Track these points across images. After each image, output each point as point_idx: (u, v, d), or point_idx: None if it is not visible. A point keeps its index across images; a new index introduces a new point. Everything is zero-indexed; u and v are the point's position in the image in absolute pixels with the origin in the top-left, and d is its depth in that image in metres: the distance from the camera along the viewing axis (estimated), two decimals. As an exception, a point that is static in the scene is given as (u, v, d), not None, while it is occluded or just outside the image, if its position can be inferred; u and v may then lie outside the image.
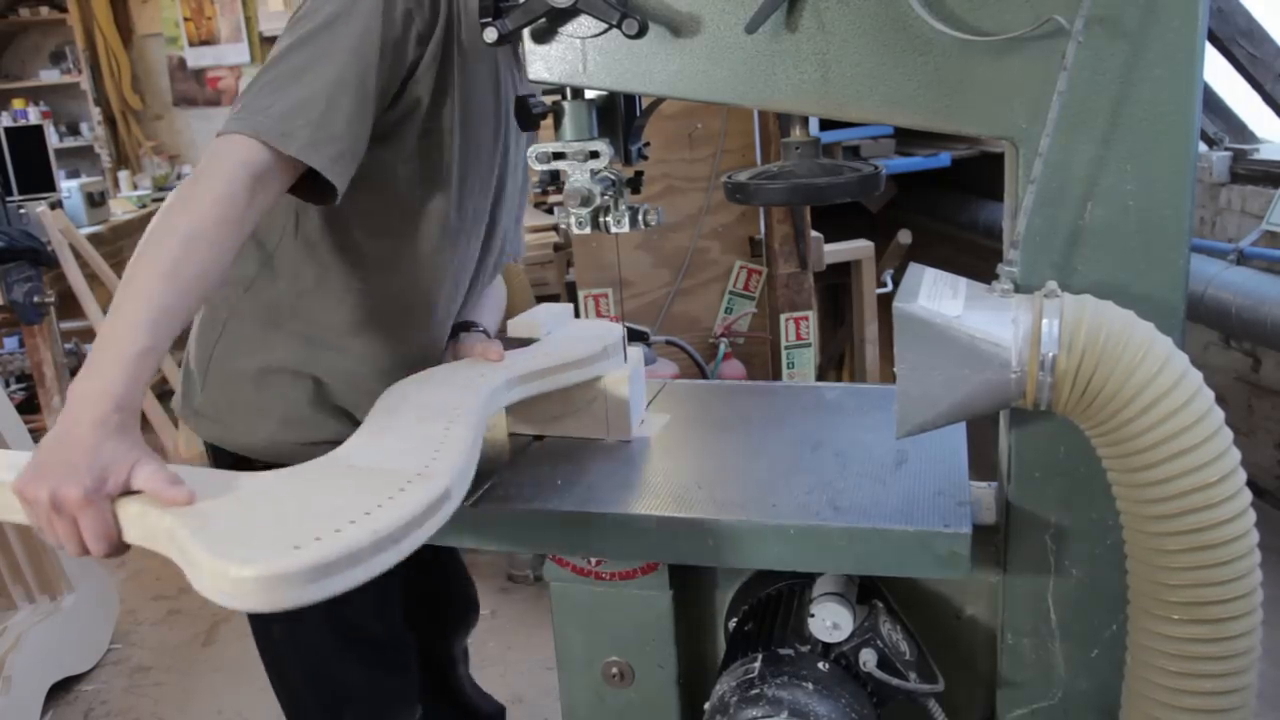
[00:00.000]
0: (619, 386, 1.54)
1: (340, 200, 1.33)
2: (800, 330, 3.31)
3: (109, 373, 1.12)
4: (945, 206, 4.70)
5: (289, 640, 1.65)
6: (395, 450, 1.18)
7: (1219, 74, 3.55)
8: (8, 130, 5.31)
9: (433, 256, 1.54)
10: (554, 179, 1.43)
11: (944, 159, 4.07)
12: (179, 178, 6.59)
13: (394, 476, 1.10)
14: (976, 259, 3.83)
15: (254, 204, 1.24)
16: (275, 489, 1.11)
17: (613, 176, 1.40)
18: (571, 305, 1.69)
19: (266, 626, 1.65)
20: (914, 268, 1.25)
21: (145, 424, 4.82)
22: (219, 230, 1.20)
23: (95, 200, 5.32)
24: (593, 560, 1.43)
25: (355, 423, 1.42)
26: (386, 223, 1.50)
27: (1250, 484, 1.06)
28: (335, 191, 1.30)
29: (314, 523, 1.00)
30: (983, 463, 1.39)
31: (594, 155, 1.37)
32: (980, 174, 4.26)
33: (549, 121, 1.42)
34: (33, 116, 6.29)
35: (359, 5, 1.32)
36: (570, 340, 1.62)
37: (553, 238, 3.67)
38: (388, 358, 1.55)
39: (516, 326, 1.70)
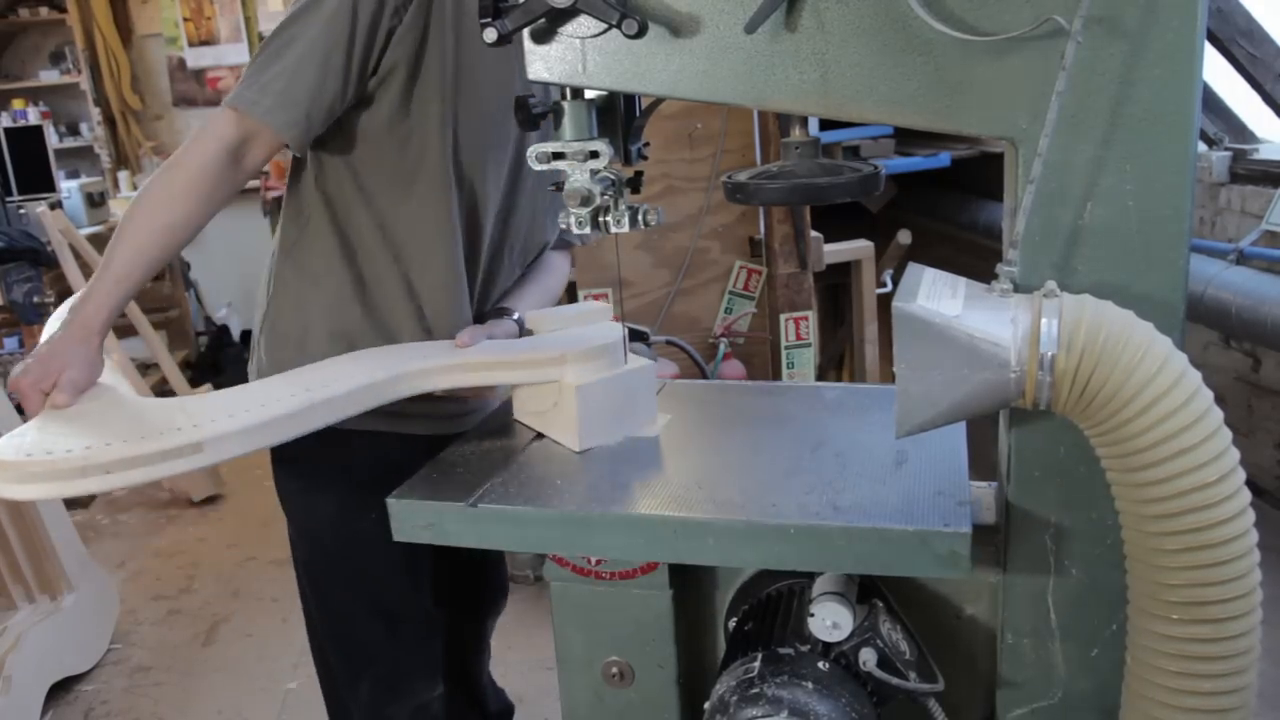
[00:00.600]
0: (570, 395, 1.51)
1: (339, 158, 1.63)
2: (800, 330, 3.31)
3: (89, 301, 1.48)
4: (945, 206, 4.70)
5: (322, 607, 1.83)
6: (220, 402, 1.41)
7: (1219, 74, 3.55)
8: (7, 130, 5.31)
9: (433, 217, 1.66)
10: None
11: (944, 159, 4.07)
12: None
13: (173, 421, 1.33)
14: (976, 259, 3.83)
15: (237, 164, 1.55)
16: (102, 411, 1.38)
17: (612, 176, 1.40)
18: (609, 306, 1.69)
19: (305, 592, 1.86)
20: (913, 267, 1.25)
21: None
22: (201, 184, 1.52)
23: (95, 200, 5.33)
24: (593, 560, 1.43)
25: None
26: (387, 182, 1.65)
27: (1249, 484, 1.06)
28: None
29: (67, 441, 1.27)
30: (982, 463, 1.39)
31: (594, 155, 1.37)
32: (980, 174, 4.26)
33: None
34: (32, 117, 6.29)
35: None
36: (541, 342, 1.64)
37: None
38: (400, 321, 1.68)
39: (534, 320, 1.73)
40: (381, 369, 1.53)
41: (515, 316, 1.75)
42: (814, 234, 3.29)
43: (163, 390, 4.86)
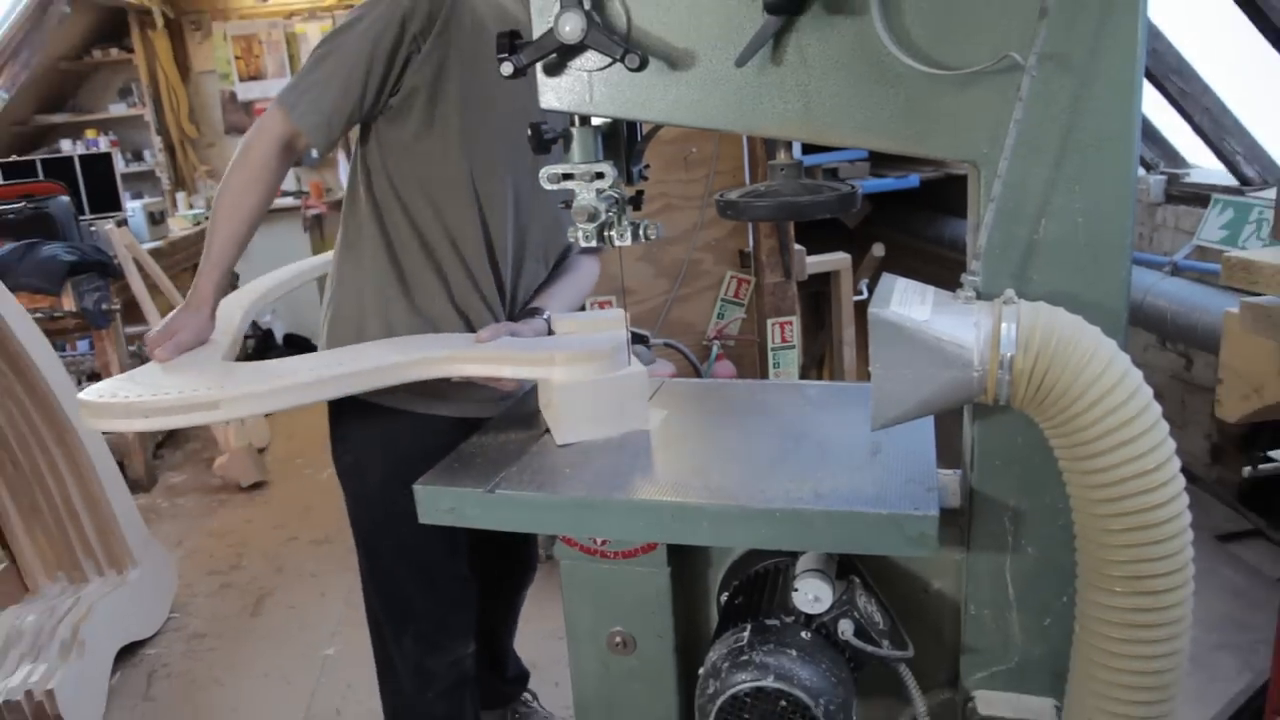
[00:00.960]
0: (555, 393, 1.52)
1: (380, 165, 1.73)
2: (785, 334, 3.30)
3: (199, 280, 1.69)
4: (915, 223, 4.69)
5: (373, 569, 1.90)
6: (252, 371, 1.55)
7: (1154, 106, 3.56)
8: (81, 158, 5.31)
9: (458, 222, 1.72)
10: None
11: (913, 180, 4.06)
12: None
13: (208, 381, 1.48)
14: (942, 269, 3.82)
15: (289, 152, 1.67)
16: (178, 369, 1.59)
17: (616, 195, 1.39)
18: (623, 315, 1.68)
19: (360, 556, 1.93)
20: (886, 277, 1.24)
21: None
22: (264, 173, 1.66)
23: (156, 219, 5.32)
24: (599, 540, 1.43)
25: None
26: (417, 189, 1.72)
27: (1184, 471, 1.06)
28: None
29: (137, 389, 1.46)
30: (949, 452, 1.38)
31: (600, 176, 1.36)
32: (946, 193, 4.26)
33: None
34: (103, 145, 6.28)
35: (371, 12, 1.63)
36: (544, 343, 1.66)
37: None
38: (439, 313, 1.75)
39: (558, 322, 1.75)
40: (396, 354, 1.58)
41: (545, 315, 1.78)
42: (797, 247, 3.28)
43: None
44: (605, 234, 1.40)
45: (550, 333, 1.75)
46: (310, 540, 3.88)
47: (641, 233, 1.43)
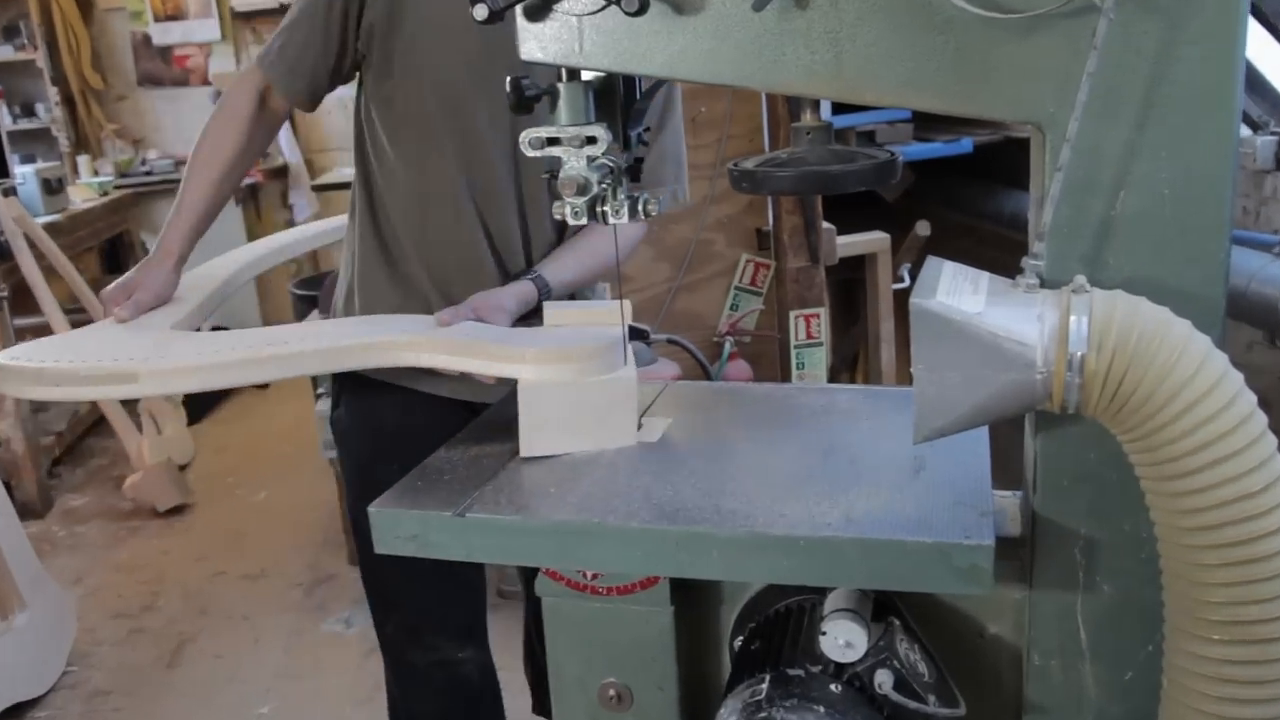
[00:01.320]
0: (520, 395, 1.54)
1: (364, 121, 1.93)
2: (811, 328, 3.31)
3: (167, 230, 1.88)
4: (967, 195, 4.69)
5: (360, 547, 2.00)
6: (200, 342, 1.64)
7: (1264, 51, 3.54)
8: (-43, 112, 5.31)
9: (435, 173, 1.86)
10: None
11: (965, 145, 4.06)
12: (144, 163, 6.59)
13: (146, 350, 1.59)
14: (1000, 252, 3.82)
15: (265, 107, 1.91)
16: (119, 331, 1.73)
17: (610, 163, 1.40)
18: (628, 304, 1.69)
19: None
20: (932, 261, 1.25)
21: (106, 428, 4.82)
22: (237, 120, 1.89)
23: (52, 187, 5.31)
24: (588, 574, 1.43)
25: None
26: (390, 139, 1.89)
27: (1293, 493, 1.06)
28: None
29: (53, 352, 1.57)
30: (1007, 470, 1.39)
31: (591, 141, 1.37)
32: (1005, 161, 4.25)
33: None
34: (-16, 97, 6.29)
35: None
36: (520, 335, 1.69)
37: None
38: (419, 281, 1.91)
39: (549, 312, 1.76)
40: (348, 336, 1.66)
41: (534, 275, 1.87)
42: (826, 225, 3.30)
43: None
44: (597, 209, 1.41)
45: (538, 311, 1.78)
46: (242, 575, 3.89)
47: (640, 208, 1.44)
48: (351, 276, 1.98)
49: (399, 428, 1.91)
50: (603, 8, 1.23)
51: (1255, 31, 3.35)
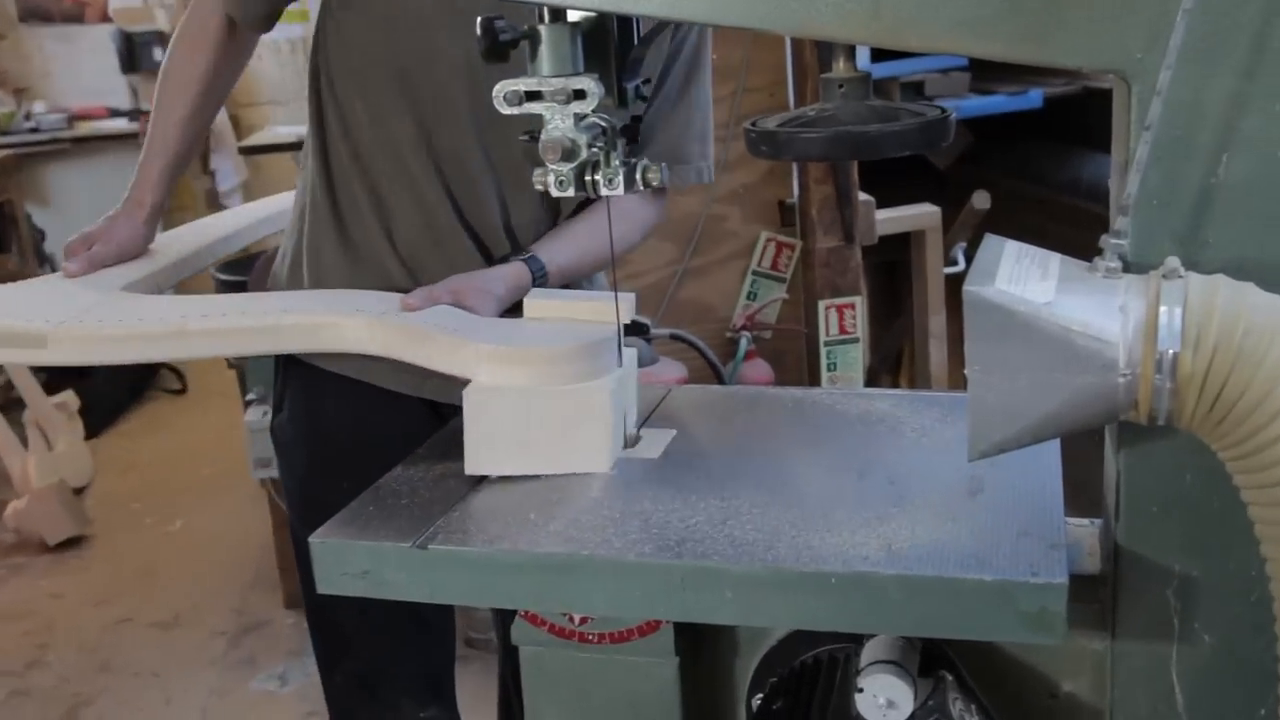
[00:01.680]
0: (465, 401, 1.55)
1: (320, 63, 1.96)
2: (845, 322, 3.32)
3: (136, 177, 1.99)
4: (1035, 160, 4.69)
5: (303, 578, 1.95)
6: (131, 308, 1.73)
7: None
8: None
9: (389, 124, 1.89)
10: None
11: (1034, 98, 4.06)
12: (28, 118, 6.58)
13: (69, 311, 1.68)
14: (1075, 228, 3.83)
15: (227, 28, 1.97)
16: (60, 288, 1.84)
17: (602, 123, 1.40)
18: (629, 298, 1.70)
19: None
20: (992, 240, 1.25)
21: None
22: (204, 42, 1.96)
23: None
24: (576, 617, 1.44)
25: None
26: (342, 82, 1.94)
27: None
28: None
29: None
30: (1083, 494, 1.39)
31: (579, 95, 1.37)
32: (1082, 117, 4.25)
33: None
34: None
35: None
36: (491, 329, 1.69)
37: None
38: (376, 252, 1.94)
39: (530, 304, 1.76)
40: (294, 313, 1.71)
41: (526, 257, 1.89)
42: (863, 197, 3.30)
43: (8, 400, 4.86)
44: (587, 179, 1.42)
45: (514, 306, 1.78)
46: (151, 622, 3.89)
47: (639, 177, 1.44)
48: (299, 242, 2.01)
49: (355, 437, 1.93)
50: (593, -68, 1.24)
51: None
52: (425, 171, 1.90)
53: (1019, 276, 1.14)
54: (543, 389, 1.56)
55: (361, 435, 1.90)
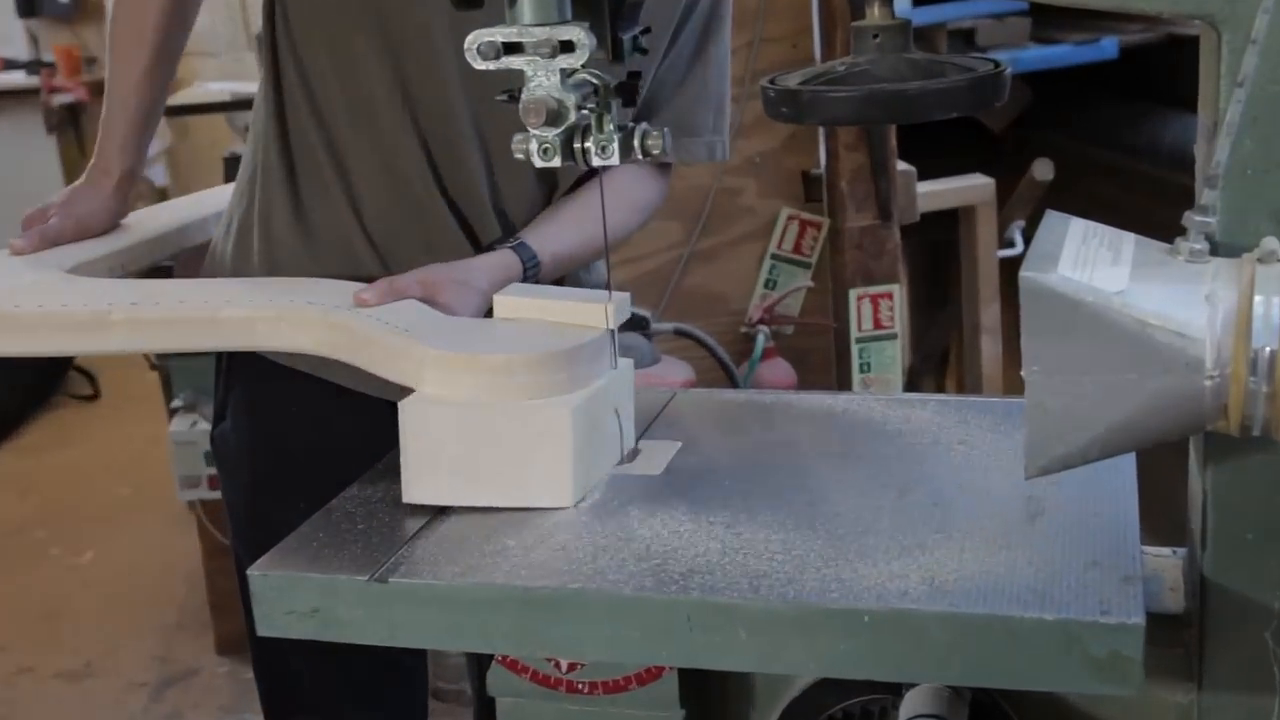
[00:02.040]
0: (401, 416, 1.55)
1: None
2: (880, 314, 3.32)
3: (100, 138, 2.03)
4: (1107, 122, 4.69)
5: (248, 615, 1.97)
6: (52, 288, 1.77)
7: None
8: None
9: (361, 79, 1.91)
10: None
11: (1107, 48, 4.05)
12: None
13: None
14: (1154, 202, 3.83)
15: None
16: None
17: (594, 80, 1.41)
18: (624, 298, 1.68)
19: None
20: (1055, 218, 1.26)
21: None
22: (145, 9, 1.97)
23: None
24: (563, 664, 1.44)
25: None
26: (318, 31, 1.94)
27: None
28: None
29: None
30: (1164, 518, 1.40)
31: (566, 48, 1.38)
32: (1163, 71, 4.25)
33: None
34: None
35: None
36: (451, 331, 1.68)
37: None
38: (340, 228, 1.95)
39: (500, 302, 1.74)
40: (229, 306, 1.73)
41: (514, 244, 1.88)
42: (902, 167, 3.30)
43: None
44: (577, 145, 1.42)
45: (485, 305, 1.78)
46: (57, 673, 3.89)
47: (637, 144, 1.45)
48: (248, 211, 2.01)
49: (312, 447, 1.92)
50: None
51: None
52: (400, 130, 1.90)
53: (1086, 260, 1.15)
54: (493, 404, 1.54)
55: (320, 445, 1.90)
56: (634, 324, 1.77)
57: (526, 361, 1.54)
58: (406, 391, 1.62)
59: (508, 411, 1.53)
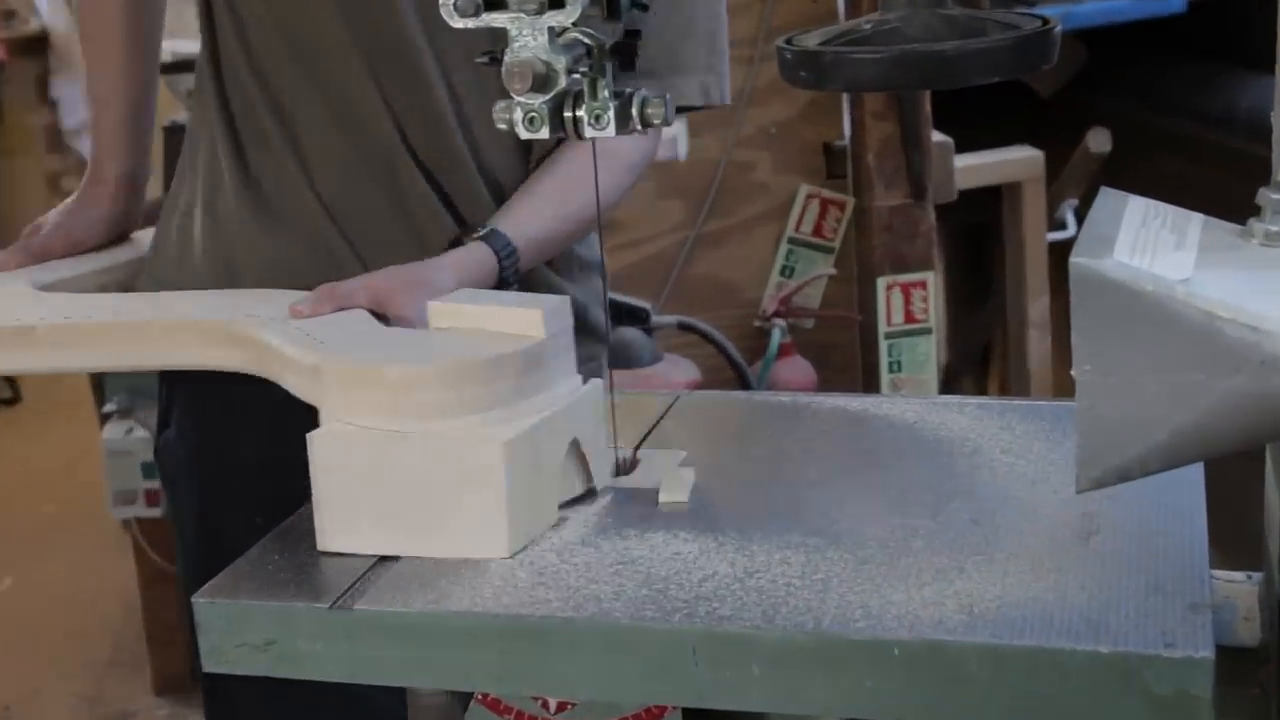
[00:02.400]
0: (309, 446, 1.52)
1: None
2: (912, 306, 3.33)
3: (92, 145, 2.08)
4: (1172, 86, 4.70)
5: (195, 649, 1.95)
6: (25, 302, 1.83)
7: None
8: None
9: (320, 32, 1.92)
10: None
11: (1173, 2, 4.05)
12: None
13: None
14: (1226, 176, 3.83)
15: None
16: None
17: (588, 41, 1.42)
18: (564, 301, 1.64)
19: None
20: (1110, 195, 1.26)
21: None
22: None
23: None
24: (551, 703, 1.45)
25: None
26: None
27: None
28: None
29: None
30: (1236, 537, 1.40)
31: (554, 4, 1.38)
32: (1236, 26, 4.25)
33: None
34: None
35: None
36: (359, 335, 1.67)
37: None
38: (300, 213, 1.95)
39: (435, 310, 1.66)
40: (162, 314, 1.76)
41: (482, 233, 1.85)
42: (938, 138, 3.31)
43: None
44: (568, 114, 1.43)
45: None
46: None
47: (636, 113, 1.45)
48: (190, 198, 2.03)
49: (268, 457, 1.81)
50: None
51: None
52: (350, 74, 1.91)
53: (1146, 244, 1.15)
54: (414, 434, 1.48)
55: (275, 454, 1.79)
56: (633, 317, 1.78)
57: (425, 375, 1.50)
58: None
59: (430, 444, 1.47)
